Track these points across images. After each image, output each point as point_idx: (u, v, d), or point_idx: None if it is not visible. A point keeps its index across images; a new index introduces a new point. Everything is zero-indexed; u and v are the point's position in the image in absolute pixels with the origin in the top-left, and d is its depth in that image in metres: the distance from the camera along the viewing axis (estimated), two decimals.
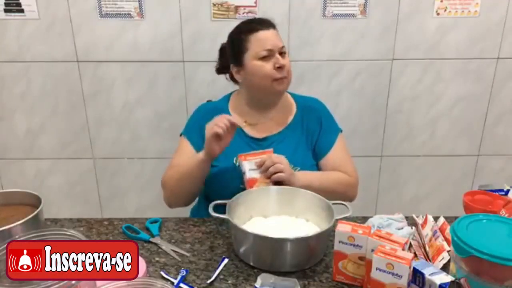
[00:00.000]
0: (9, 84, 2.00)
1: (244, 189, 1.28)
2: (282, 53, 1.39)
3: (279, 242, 1.05)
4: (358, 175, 1.46)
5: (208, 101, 1.69)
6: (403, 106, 2.06)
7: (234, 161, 1.39)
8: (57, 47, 1.95)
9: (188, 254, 1.14)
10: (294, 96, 1.53)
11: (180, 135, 1.51)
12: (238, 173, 1.35)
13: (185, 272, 1.05)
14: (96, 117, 2.06)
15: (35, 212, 1.06)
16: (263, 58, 1.37)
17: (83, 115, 2.06)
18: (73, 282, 0.81)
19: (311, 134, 1.47)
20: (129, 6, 1.88)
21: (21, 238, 0.90)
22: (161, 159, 2.07)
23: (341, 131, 1.51)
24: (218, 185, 1.41)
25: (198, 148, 1.40)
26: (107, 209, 2.21)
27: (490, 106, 2.06)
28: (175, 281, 1.02)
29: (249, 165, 1.29)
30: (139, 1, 1.87)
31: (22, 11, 1.88)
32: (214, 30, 1.91)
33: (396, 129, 2.10)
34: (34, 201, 1.12)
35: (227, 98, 1.54)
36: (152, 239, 1.20)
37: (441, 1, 1.88)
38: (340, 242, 1.00)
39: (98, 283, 0.88)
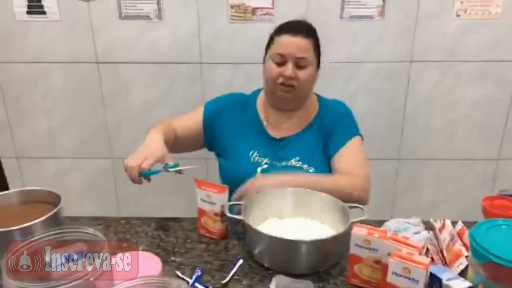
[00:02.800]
0: (30, 85, 2.05)
1: None
2: (300, 65, 1.34)
3: (295, 244, 1.05)
4: (370, 178, 1.39)
5: None
6: (421, 109, 2.03)
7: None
8: (78, 49, 1.98)
9: (198, 167, 1.23)
10: (320, 98, 1.52)
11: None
12: (253, 169, 1.37)
13: (200, 272, 1.06)
14: (115, 117, 2.09)
15: (55, 210, 1.08)
16: (279, 63, 1.35)
17: (102, 116, 2.09)
18: (73, 282, 0.82)
19: (327, 136, 1.44)
20: (148, 8, 1.90)
21: (41, 236, 0.92)
22: (178, 159, 2.08)
23: (360, 135, 1.47)
24: (233, 179, 1.36)
25: (206, 120, 1.48)
26: (124, 208, 2.24)
27: (510, 109, 2.02)
28: (190, 281, 1.03)
29: (201, 195, 1.22)
30: (158, 3, 1.89)
31: (44, 13, 1.92)
32: (231, 32, 1.92)
33: (414, 132, 2.07)
34: (54, 199, 1.14)
35: (256, 93, 1.53)
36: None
37: (461, 3, 1.86)
38: (355, 245, 1.00)
39: (116, 281, 0.89)
